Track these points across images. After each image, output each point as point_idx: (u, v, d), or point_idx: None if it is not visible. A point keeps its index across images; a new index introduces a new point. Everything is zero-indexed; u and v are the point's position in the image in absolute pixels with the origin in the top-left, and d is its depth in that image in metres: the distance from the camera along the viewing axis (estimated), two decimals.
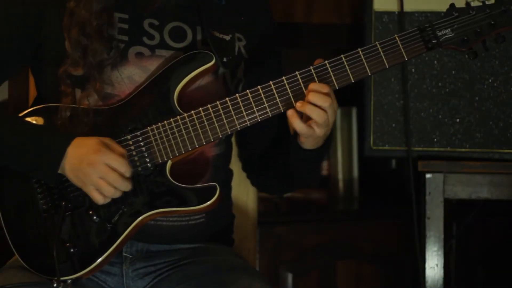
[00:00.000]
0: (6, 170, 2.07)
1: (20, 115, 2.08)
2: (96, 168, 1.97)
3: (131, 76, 2.08)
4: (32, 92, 2.38)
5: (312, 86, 1.97)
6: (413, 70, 2.69)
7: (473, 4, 2.01)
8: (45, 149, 2.01)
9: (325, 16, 3.25)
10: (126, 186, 1.99)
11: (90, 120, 2.05)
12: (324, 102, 1.96)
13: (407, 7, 2.69)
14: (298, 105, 1.97)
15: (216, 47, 2.08)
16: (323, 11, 3.25)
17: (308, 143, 2.03)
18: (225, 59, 2.09)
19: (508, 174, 2.64)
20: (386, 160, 3.44)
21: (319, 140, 2.04)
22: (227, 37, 2.13)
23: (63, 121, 2.05)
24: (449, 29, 1.99)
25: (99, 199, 1.99)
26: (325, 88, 1.97)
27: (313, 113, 1.96)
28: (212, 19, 2.13)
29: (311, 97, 1.96)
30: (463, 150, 2.68)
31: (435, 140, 2.69)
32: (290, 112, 1.97)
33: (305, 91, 1.99)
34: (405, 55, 1.99)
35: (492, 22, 1.98)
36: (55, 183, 2.03)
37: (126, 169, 1.99)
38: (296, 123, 1.97)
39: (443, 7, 2.67)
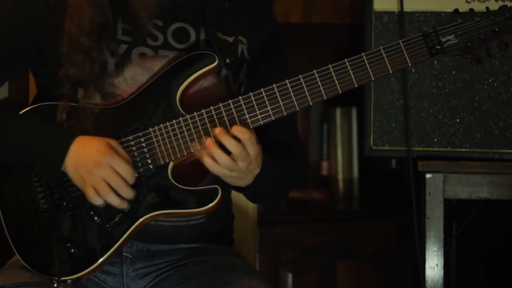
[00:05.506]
0: (6, 170, 2.06)
1: (19, 113, 2.07)
2: (102, 169, 1.96)
3: (134, 76, 2.08)
4: (32, 92, 2.38)
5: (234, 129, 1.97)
6: (413, 70, 2.69)
7: (476, 10, 2.00)
8: (48, 145, 2.00)
9: (325, 16, 3.25)
10: (128, 194, 1.98)
11: (91, 119, 2.04)
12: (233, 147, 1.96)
13: (407, 7, 2.69)
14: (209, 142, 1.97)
15: (219, 48, 2.07)
16: (323, 11, 3.25)
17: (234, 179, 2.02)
18: (228, 61, 2.09)
19: (508, 174, 2.64)
20: (386, 160, 3.43)
21: (247, 177, 2.02)
22: (230, 39, 2.13)
23: (63, 119, 2.05)
24: (453, 35, 1.98)
25: (95, 199, 1.97)
26: (242, 133, 1.96)
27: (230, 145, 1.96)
28: (216, 21, 2.13)
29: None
30: (463, 150, 2.69)
31: (435, 140, 2.69)
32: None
33: (309, 97, 1.98)
34: (408, 61, 1.98)
35: (496, 29, 1.98)
36: (57, 181, 2.03)
37: (131, 176, 1.98)
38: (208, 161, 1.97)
39: (443, 7, 2.68)
